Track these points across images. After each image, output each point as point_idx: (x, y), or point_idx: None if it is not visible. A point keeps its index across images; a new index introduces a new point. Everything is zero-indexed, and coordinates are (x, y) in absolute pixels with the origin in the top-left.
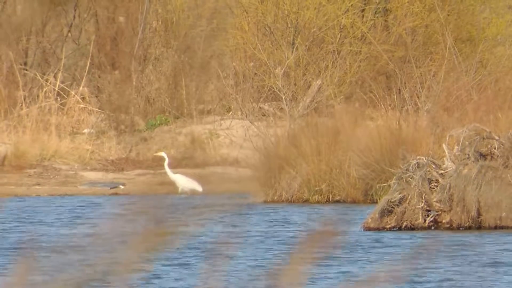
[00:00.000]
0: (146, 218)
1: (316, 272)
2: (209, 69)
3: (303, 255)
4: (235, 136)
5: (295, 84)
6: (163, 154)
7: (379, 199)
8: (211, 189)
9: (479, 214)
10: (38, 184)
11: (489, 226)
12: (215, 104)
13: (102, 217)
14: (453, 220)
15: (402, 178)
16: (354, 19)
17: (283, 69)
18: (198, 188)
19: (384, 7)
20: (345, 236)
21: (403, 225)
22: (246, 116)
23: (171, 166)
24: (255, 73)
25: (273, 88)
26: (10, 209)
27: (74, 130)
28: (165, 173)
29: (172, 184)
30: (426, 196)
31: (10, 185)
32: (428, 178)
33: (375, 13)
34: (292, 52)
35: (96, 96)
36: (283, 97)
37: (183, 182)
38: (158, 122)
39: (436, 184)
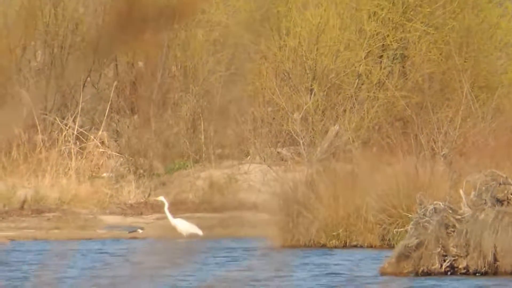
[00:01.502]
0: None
1: None
2: (228, 114)
3: None
4: (253, 181)
5: (313, 129)
6: (161, 198)
7: (396, 244)
8: (230, 233)
9: (495, 259)
10: (57, 228)
11: (506, 271)
12: (233, 148)
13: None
14: (470, 266)
15: (419, 223)
16: (372, 66)
17: (301, 114)
18: (199, 232)
19: (402, 54)
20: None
21: (420, 270)
22: (264, 161)
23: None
24: (273, 118)
25: (291, 133)
26: (37, 253)
27: (93, 174)
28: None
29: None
30: (443, 241)
31: (30, 228)
32: (445, 223)
33: (393, 59)
34: (310, 97)
35: (115, 140)
36: (301, 142)
37: (184, 226)
38: (177, 166)
39: (453, 229)
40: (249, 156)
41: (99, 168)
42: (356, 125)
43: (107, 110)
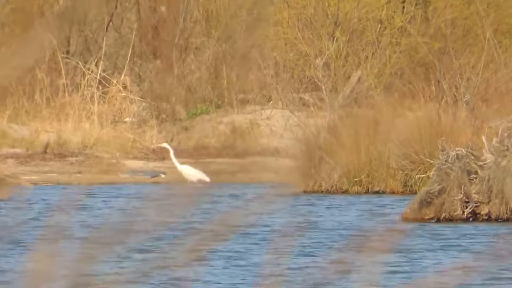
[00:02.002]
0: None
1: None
2: (250, 59)
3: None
4: (275, 126)
5: (335, 75)
6: (165, 145)
7: (418, 190)
8: (251, 178)
9: None
10: (80, 172)
11: None
12: (255, 93)
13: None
14: (492, 212)
15: (442, 169)
16: (394, 11)
17: (323, 60)
18: (206, 178)
19: None
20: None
21: (442, 217)
22: (286, 106)
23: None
24: (296, 64)
25: (313, 78)
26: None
27: (116, 118)
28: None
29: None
30: (465, 187)
31: (53, 173)
32: (467, 170)
33: (415, 4)
34: (332, 43)
35: (138, 85)
36: (323, 88)
37: (191, 172)
38: (199, 111)
39: (475, 175)
40: (271, 102)
41: (121, 112)
42: (378, 71)
43: (129, 55)
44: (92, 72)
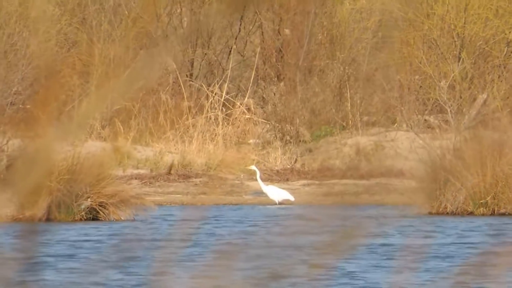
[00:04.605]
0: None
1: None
2: (374, 81)
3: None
4: (400, 148)
5: (460, 97)
6: (253, 167)
7: None
8: (376, 200)
9: None
10: (204, 193)
11: None
12: (380, 115)
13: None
14: None
15: None
16: None
17: (448, 82)
18: (290, 198)
19: None
20: None
21: None
22: (411, 128)
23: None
24: (420, 86)
25: (438, 100)
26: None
27: (240, 140)
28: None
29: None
30: None
31: (177, 193)
32: None
33: None
34: (458, 65)
35: (262, 107)
36: (449, 110)
37: (275, 193)
38: (323, 133)
39: None
40: (396, 124)
41: (245, 134)
42: (504, 93)
43: (253, 77)
44: (215, 94)
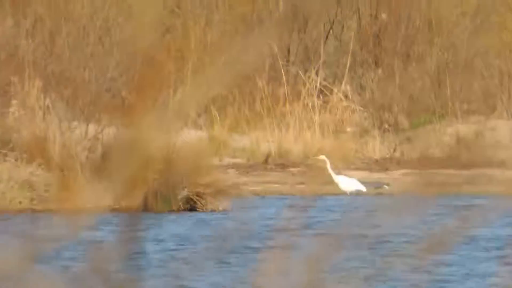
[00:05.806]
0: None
1: None
2: (473, 68)
3: None
4: (500, 137)
5: None
6: (322, 157)
7: None
8: (478, 190)
9: None
10: (302, 183)
11: None
12: (480, 103)
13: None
14: None
15: None
16: None
17: None
18: (362, 188)
19: None
20: None
21: None
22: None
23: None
24: None
25: None
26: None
27: (337, 128)
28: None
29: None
30: None
31: (274, 183)
32: None
33: None
34: None
35: (359, 94)
36: None
37: (347, 183)
38: (422, 121)
39: None
40: (496, 112)
41: (343, 122)
42: None
43: (350, 63)
44: (312, 81)
